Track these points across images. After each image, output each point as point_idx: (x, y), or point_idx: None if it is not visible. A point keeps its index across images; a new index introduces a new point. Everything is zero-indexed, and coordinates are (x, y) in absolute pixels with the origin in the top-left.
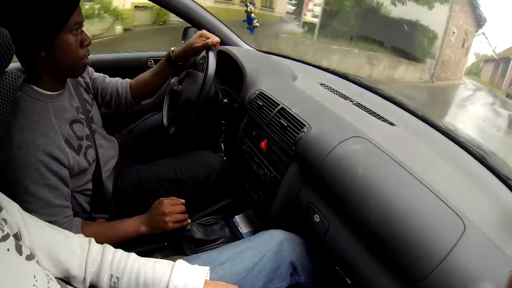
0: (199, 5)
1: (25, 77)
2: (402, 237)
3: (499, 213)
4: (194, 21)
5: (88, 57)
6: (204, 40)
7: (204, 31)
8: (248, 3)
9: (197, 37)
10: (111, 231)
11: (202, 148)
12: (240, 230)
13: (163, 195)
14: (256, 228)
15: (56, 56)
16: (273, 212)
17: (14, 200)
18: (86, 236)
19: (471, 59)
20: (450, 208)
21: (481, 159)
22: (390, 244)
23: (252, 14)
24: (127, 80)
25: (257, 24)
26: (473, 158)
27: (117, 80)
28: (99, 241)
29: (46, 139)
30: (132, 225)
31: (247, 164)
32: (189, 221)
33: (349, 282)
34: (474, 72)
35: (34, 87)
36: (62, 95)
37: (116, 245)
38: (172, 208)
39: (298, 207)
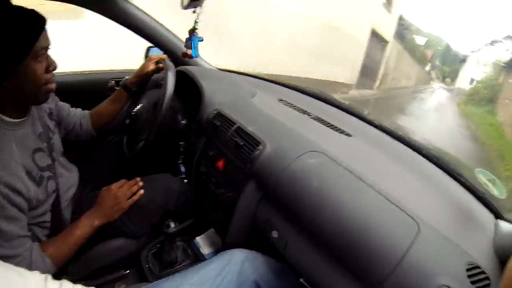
0: (162, 25)
1: None
2: (358, 245)
3: (454, 210)
4: (155, 41)
5: (53, 82)
6: (155, 64)
7: (152, 56)
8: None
9: (148, 61)
10: (69, 239)
11: (162, 171)
12: (202, 251)
13: (124, 222)
14: (217, 248)
15: (19, 84)
16: (232, 231)
17: None
18: (48, 255)
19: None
20: (403, 211)
21: (435, 160)
22: (348, 252)
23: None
24: (87, 112)
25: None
26: (427, 160)
27: (79, 111)
28: (63, 254)
29: (7, 171)
30: (86, 223)
31: (205, 185)
32: (142, 191)
33: None
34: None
35: None
36: (26, 122)
37: (79, 251)
38: (121, 189)
39: (257, 224)
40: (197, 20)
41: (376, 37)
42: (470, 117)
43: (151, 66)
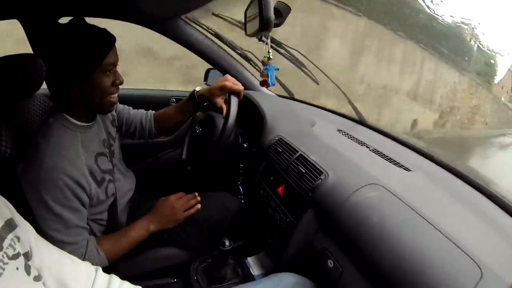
0: (221, 48)
1: (57, 104)
2: (416, 285)
3: None
4: (216, 63)
5: (115, 95)
6: (224, 95)
7: (227, 81)
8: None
9: (218, 89)
10: (124, 239)
11: (219, 190)
12: (252, 272)
13: (178, 232)
14: (268, 270)
15: (87, 93)
16: (287, 256)
17: (37, 219)
18: (103, 249)
19: None
20: (466, 254)
21: (499, 202)
22: None
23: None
24: (151, 112)
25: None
26: (490, 201)
27: (141, 112)
28: (117, 251)
29: (73, 167)
30: (141, 227)
31: (263, 208)
32: (199, 206)
33: None
34: None
35: (66, 116)
36: (92, 127)
37: (131, 252)
38: (179, 201)
39: (312, 252)
40: (269, 50)
41: None
42: None
43: (220, 99)
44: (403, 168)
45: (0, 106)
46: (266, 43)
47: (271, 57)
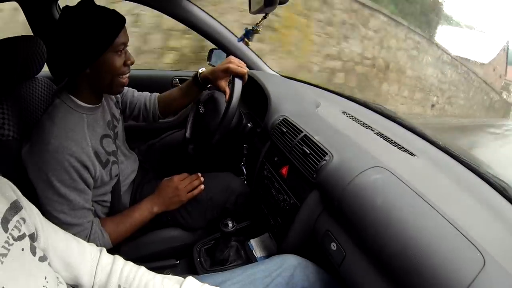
0: (226, 27)
1: (63, 86)
2: (419, 269)
3: None
4: (220, 43)
5: (126, 76)
6: (229, 77)
7: (231, 63)
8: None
9: (221, 71)
10: (128, 221)
11: (223, 170)
12: (255, 254)
13: (181, 214)
14: (271, 252)
15: (99, 73)
16: (289, 238)
17: (42, 201)
18: (107, 230)
19: None
20: (469, 241)
21: (502, 191)
22: (407, 276)
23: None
24: (155, 94)
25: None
26: (494, 190)
27: (145, 94)
28: (121, 232)
29: (79, 148)
30: (145, 208)
31: (267, 189)
32: (202, 186)
33: None
34: None
35: (72, 97)
36: (98, 109)
37: (134, 234)
38: (183, 182)
39: (315, 235)
40: (260, 24)
41: None
42: None
43: (224, 82)
44: (408, 153)
45: (1, 88)
46: (265, 17)
47: (258, 29)
